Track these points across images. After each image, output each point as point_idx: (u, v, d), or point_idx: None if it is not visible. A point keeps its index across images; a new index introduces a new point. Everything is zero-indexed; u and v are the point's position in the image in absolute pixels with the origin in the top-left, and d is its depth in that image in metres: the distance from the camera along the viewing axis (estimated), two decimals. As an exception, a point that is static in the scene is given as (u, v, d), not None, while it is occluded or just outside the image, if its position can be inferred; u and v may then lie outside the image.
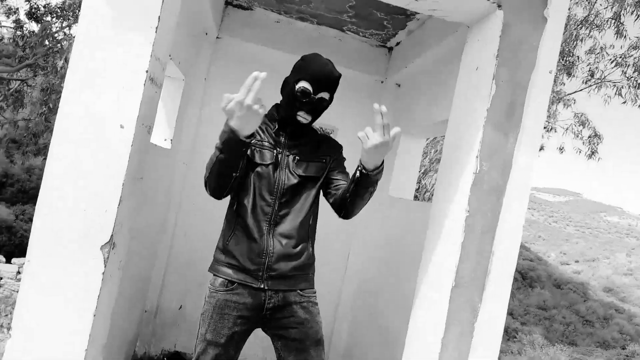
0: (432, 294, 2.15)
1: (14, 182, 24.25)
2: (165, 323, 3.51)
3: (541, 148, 11.54)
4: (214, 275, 1.94)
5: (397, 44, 3.59)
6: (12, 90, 12.70)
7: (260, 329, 1.98)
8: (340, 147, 2.10)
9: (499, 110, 2.07)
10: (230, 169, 1.74)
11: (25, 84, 12.84)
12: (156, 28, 1.85)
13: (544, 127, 11.17)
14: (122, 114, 1.82)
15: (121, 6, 1.82)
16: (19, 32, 11.94)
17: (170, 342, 3.50)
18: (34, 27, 11.96)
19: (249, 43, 3.56)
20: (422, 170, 8.76)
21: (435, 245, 2.21)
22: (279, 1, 3.31)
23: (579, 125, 10.24)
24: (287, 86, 1.93)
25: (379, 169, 1.79)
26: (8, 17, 12.16)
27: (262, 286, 1.87)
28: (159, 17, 1.85)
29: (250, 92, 1.62)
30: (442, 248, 2.14)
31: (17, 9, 12.11)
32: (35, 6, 11.28)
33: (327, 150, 2.03)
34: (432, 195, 9.50)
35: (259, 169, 1.89)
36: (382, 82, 3.76)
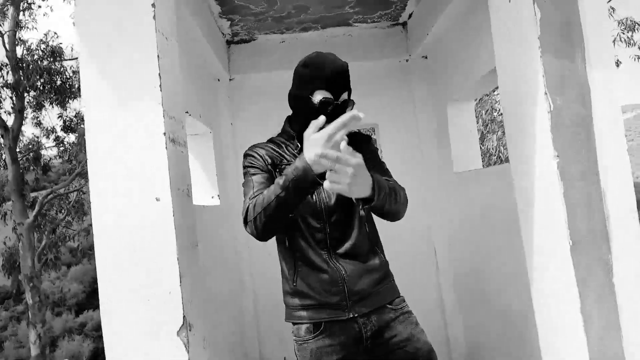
0: (546, 263, 1.84)
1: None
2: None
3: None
4: (294, 324, 1.72)
5: (410, 16, 3.34)
6: (72, 202, 13.31)
7: None
8: (367, 140, 1.83)
9: (553, 36, 1.77)
10: (290, 210, 1.52)
11: (81, 193, 13.42)
12: (160, 86, 1.70)
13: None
14: (154, 186, 1.67)
15: (118, 77, 1.69)
16: (61, 147, 12.55)
17: (288, 398, 3.32)
18: (72, 138, 12.54)
19: (261, 73, 3.42)
20: (478, 136, 8.31)
21: (531, 207, 1.90)
22: (277, 21, 3.15)
23: (628, 32, 9.41)
24: (301, 101, 1.67)
25: (374, 198, 1.45)
26: (48, 137, 12.82)
27: (351, 315, 1.64)
28: (159, 74, 1.70)
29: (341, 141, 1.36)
30: (541, 207, 1.84)
31: (54, 127, 12.75)
32: (67, 118, 11.83)
33: (355, 146, 1.74)
34: (501, 157, 8.97)
35: None
36: (406, 60, 3.50)
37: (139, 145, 1.67)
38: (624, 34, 9.48)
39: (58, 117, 11.84)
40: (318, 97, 1.62)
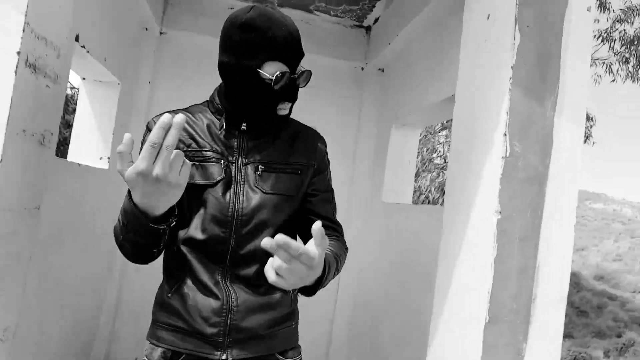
0: (456, 334, 1.54)
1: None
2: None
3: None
4: (151, 343, 1.30)
5: (376, 20, 3.02)
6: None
7: None
8: (323, 146, 1.41)
9: (527, 68, 1.48)
10: (146, 248, 1.14)
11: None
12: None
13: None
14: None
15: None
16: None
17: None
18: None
19: (199, 36, 2.97)
20: (421, 168, 8.19)
21: (453, 265, 1.60)
22: (229, -19, 2.73)
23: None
24: (244, 74, 1.23)
25: (319, 284, 1.14)
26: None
27: (223, 358, 1.24)
28: (27, -28, 1.25)
29: (160, 155, 0.94)
30: (466, 268, 1.54)
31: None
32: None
33: (306, 152, 1.36)
34: (429, 198, 8.91)
35: (202, 192, 1.25)
36: (362, 68, 3.18)
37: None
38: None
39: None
40: (270, 70, 1.20)
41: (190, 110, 1.33)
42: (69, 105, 7.23)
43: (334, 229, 1.38)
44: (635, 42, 8.61)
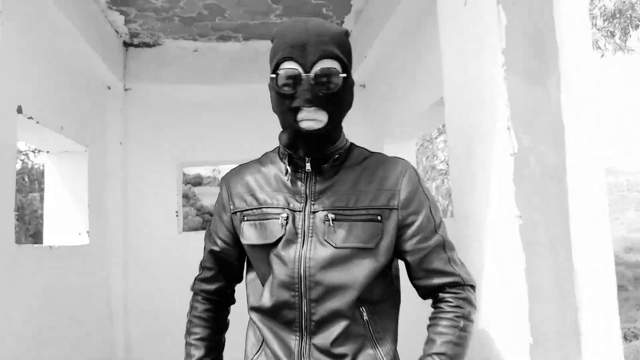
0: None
1: None
2: None
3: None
4: None
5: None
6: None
7: None
8: (410, 175, 1.11)
9: (522, 48, 1.30)
10: None
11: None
12: None
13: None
14: None
15: None
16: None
17: None
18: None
19: (167, 85, 2.84)
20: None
21: (478, 286, 1.39)
22: (187, 23, 2.60)
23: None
24: (271, 89, 1.07)
25: None
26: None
27: None
28: None
29: None
30: (494, 286, 1.33)
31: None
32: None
33: (386, 190, 1.09)
34: (444, 205, 8.67)
35: (263, 253, 1.09)
36: (342, 88, 3.02)
37: None
38: None
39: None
40: (281, 72, 1.02)
41: (260, 161, 1.19)
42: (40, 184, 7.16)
43: (452, 289, 1.08)
44: (617, 15, 8.57)
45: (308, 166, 1.07)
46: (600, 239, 1.28)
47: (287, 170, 1.09)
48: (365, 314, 1.06)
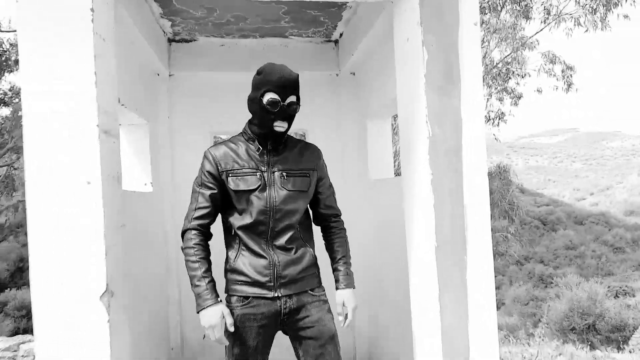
0: (419, 259, 2.24)
1: (29, 264, 24.50)
2: (194, 355, 3.61)
3: (520, 96, 11.64)
4: (229, 294, 2.04)
5: (341, 35, 3.69)
6: (1, 177, 12.85)
7: (281, 332, 2.09)
8: (319, 154, 2.14)
9: (436, 74, 2.16)
10: None
11: (12, 168, 12.98)
12: (95, 83, 1.94)
13: (519, 75, 11.24)
14: (86, 171, 1.92)
15: (57, 75, 1.91)
16: (-8, 121, 12.09)
17: (202, 373, 3.60)
18: (5, 111, 12.10)
19: (200, 72, 3.67)
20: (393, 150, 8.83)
21: (412, 213, 2.30)
22: (217, 26, 3.41)
23: (549, 63, 10.32)
24: (254, 102, 1.98)
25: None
26: (-22, 110, 12.32)
27: (276, 295, 1.98)
28: (95, 72, 1.94)
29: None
30: (418, 214, 2.23)
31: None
32: (2, 92, 11.43)
33: (310, 160, 2.09)
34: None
35: (247, 195, 1.98)
36: (337, 74, 3.86)
37: (75, 135, 1.91)
38: (546, 65, 10.38)
39: (-9, 90, 11.42)
40: (266, 97, 1.92)
41: (232, 140, 2.09)
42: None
43: (336, 219, 2.17)
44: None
45: (269, 147, 2.02)
46: (480, 186, 2.17)
47: (258, 148, 2.02)
48: (299, 227, 2.06)
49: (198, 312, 1.94)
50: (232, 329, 1.93)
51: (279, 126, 1.97)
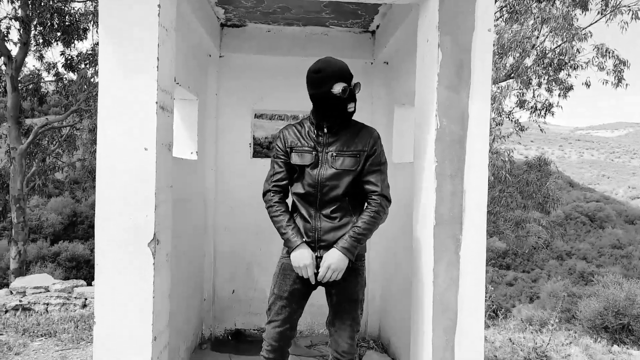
0: (420, 234, 2.56)
1: (84, 220, 26.19)
2: (223, 307, 4.08)
3: (571, 88, 11.44)
4: (284, 245, 2.41)
5: (377, 26, 3.96)
6: (64, 136, 13.84)
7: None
8: (372, 135, 2.35)
9: (448, 73, 2.44)
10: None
11: (74, 129, 13.95)
12: (157, 67, 2.34)
13: (572, 67, 11.04)
14: (144, 139, 2.33)
15: (128, 60, 2.32)
16: (60, 84, 12.99)
17: (230, 322, 4.07)
18: (72, 76, 12.96)
19: (248, 55, 4.04)
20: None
21: (419, 194, 2.61)
22: (265, 14, 3.76)
23: (601, 57, 10.10)
24: (322, 96, 2.27)
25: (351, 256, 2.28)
26: (48, 72, 13.23)
27: (316, 254, 2.33)
28: (157, 58, 2.34)
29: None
30: (423, 195, 2.54)
31: (55, 63, 13.15)
32: (70, 57, 12.26)
33: (362, 141, 2.33)
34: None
35: (302, 168, 2.34)
36: (371, 63, 4.14)
37: (138, 109, 2.32)
38: (597, 58, 10.17)
39: (60, 55, 12.24)
40: (338, 88, 2.23)
41: (301, 123, 2.46)
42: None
43: (374, 195, 2.29)
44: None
45: (325, 129, 2.34)
46: (480, 174, 2.45)
47: (316, 132, 2.35)
48: (347, 199, 2.34)
49: (289, 254, 2.32)
50: (316, 271, 2.28)
51: (351, 107, 2.31)
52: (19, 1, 10.46)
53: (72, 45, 11.57)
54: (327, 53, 2.68)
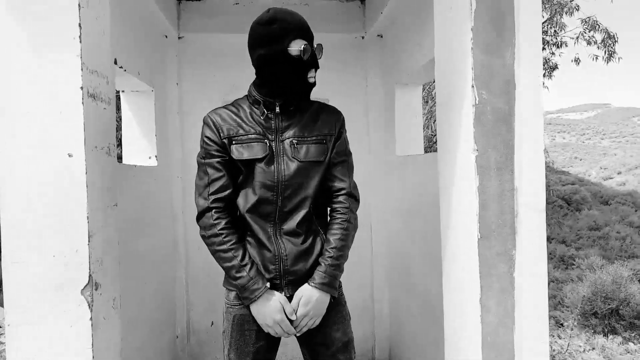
0: (458, 251, 1.91)
1: None
2: (201, 342, 3.37)
3: (555, 67, 10.98)
4: (227, 289, 1.73)
5: (368, -8, 3.30)
6: None
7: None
8: (339, 116, 1.76)
9: (485, 28, 1.78)
10: None
11: None
12: (79, 37, 1.63)
13: (554, 44, 10.58)
14: (67, 142, 1.62)
15: (36, 25, 1.60)
16: None
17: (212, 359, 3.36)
18: None
19: (212, 34, 3.33)
20: (430, 117, 8.30)
21: (450, 196, 1.95)
22: (230, -19, 3.05)
23: (589, 31, 9.62)
24: (274, 57, 1.59)
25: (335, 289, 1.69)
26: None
27: (282, 293, 1.65)
28: (79, 24, 1.63)
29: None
30: (458, 198, 1.89)
31: None
32: None
33: (327, 124, 1.72)
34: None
35: (252, 165, 1.64)
36: (362, 37, 3.48)
37: (54, 97, 1.61)
38: (585, 33, 9.70)
39: None
40: (296, 46, 1.59)
41: (234, 104, 1.74)
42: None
43: (341, 195, 1.70)
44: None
45: (277, 109, 1.67)
46: (535, 165, 1.81)
47: (263, 112, 1.67)
48: (313, 207, 1.67)
49: (247, 307, 1.63)
50: (293, 317, 1.61)
51: (312, 76, 1.65)
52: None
53: None
54: (311, 25, 2.03)
